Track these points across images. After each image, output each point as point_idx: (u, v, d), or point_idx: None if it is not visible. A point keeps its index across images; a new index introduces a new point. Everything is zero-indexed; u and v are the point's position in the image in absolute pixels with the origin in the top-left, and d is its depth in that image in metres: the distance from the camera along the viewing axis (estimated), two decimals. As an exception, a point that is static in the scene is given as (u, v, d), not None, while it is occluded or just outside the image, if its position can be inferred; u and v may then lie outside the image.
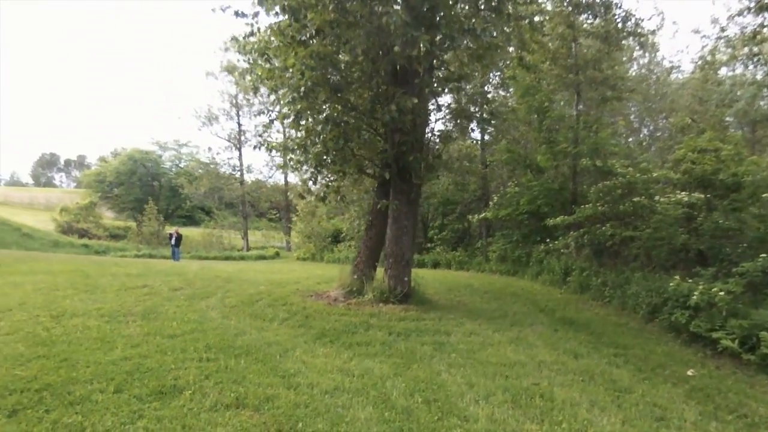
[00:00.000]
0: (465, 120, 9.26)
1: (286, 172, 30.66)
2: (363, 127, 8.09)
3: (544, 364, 5.72)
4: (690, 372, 6.21)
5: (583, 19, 13.90)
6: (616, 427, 4.10)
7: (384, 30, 6.84)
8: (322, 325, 6.92)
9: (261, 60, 8.44)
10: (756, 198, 9.92)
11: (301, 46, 7.00)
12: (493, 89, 20.75)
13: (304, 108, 7.61)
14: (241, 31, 9.25)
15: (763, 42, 13.67)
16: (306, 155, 8.17)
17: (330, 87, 7.29)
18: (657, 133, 23.82)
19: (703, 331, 7.39)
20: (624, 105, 19.03)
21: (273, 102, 8.27)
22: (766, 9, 12.01)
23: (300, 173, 8.71)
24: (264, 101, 9.22)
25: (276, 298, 8.82)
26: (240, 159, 38.23)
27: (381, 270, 9.52)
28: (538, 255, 14.18)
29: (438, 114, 11.05)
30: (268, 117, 9.09)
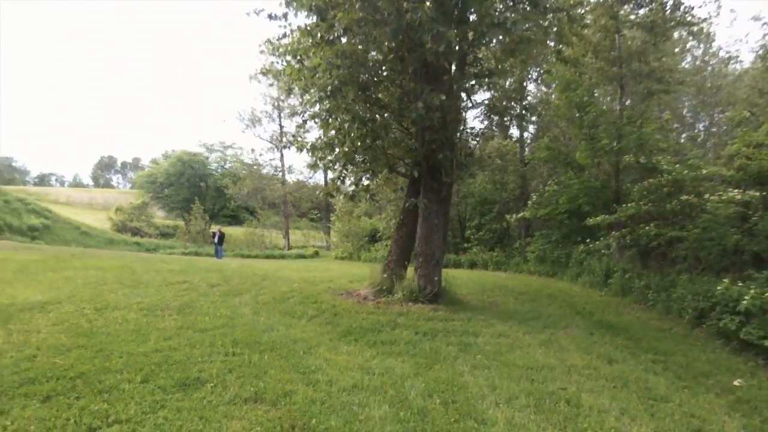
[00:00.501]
0: (498, 116, 9.02)
1: (326, 172, 31.06)
2: (391, 125, 8.04)
3: (574, 368, 5.49)
4: (737, 382, 5.80)
5: (628, 10, 13.28)
6: (646, 437, 3.89)
7: (411, 26, 6.78)
8: (348, 323, 6.94)
9: (294, 61, 8.59)
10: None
11: (328, 45, 7.04)
12: (535, 85, 20.28)
13: (333, 107, 7.66)
14: (276, 34, 9.40)
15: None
16: (334, 154, 8.22)
17: (358, 85, 7.30)
18: (713, 128, 22.42)
19: (755, 339, 6.89)
20: (674, 99, 18.05)
21: (303, 102, 8.38)
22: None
23: (332, 172, 8.73)
24: (298, 102, 9.35)
25: (307, 295, 8.94)
26: (282, 160, 39.15)
27: (412, 269, 9.47)
28: (578, 256, 13.68)
29: (474, 111, 10.92)
30: (301, 117, 9.25)
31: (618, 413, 4.28)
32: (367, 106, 7.80)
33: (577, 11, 11.53)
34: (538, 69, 16.14)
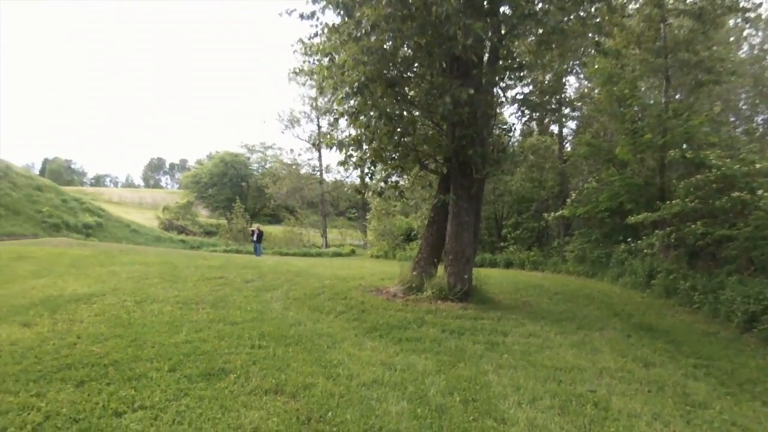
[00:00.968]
0: (532, 111, 8.78)
1: (362, 170, 31.25)
2: (419, 122, 7.98)
3: (606, 370, 5.27)
4: (789, 390, 5.38)
5: (674, -3, 12.62)
6: (679, 445, 3.67)
7: (439, 20, 6.71)
8: (375, 320, 6.95)
9: (325, 60, 8.67)
10: None
11: (355, 42, 7.06)
12: (576, 79, 19.64)
13: (361, 103, 7.69)
14: (308, 33, 9.47)
15: None
16: (362, 151, 8.24)
17: (385, 82, 7.28)
18: (773, 121, 20.99)
19: (813, 345, 6.39)
20: (727, 90, 17.02)
21: (331, 100, 8.44)
22: None
23: (361, 169, 8.77)
24: (330, 100, 9.43)
25: (337, 292, 9.01)
26: (319, 159, 39.69)
27: (443, 267, 9.37)
28: (619, 255, 13.14)
29: (508, 106, 10.65)
30: (332, 116, 9.33)
31: (650, 418, 4.07)
32: (395, 102, 7.76)
33: (619, 1, 11.07)
34: (578, 62, 15.58)
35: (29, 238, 23.06)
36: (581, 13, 8.92)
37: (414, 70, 8.43)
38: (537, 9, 7.40)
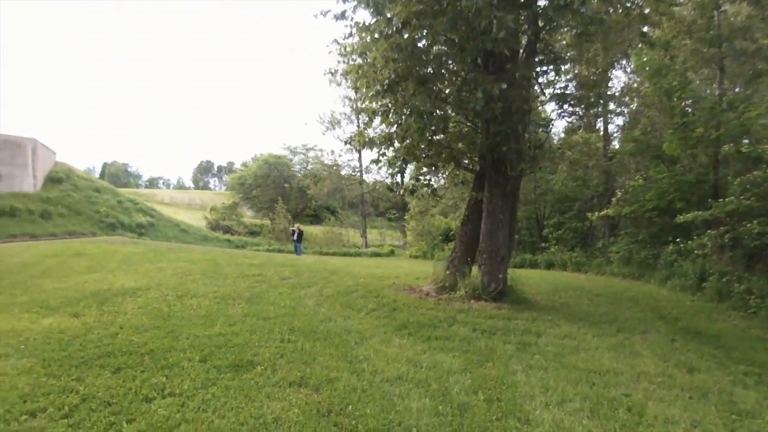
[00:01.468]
0: (567, 106, 8.49)
1: (401, 170, 31.24)
2: (451, 118, 7.88)
3: (644, 375, 5.01)
4: None
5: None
6: (720, 455, 3.44)
7: (469, 14, 6.61)
8: (405, 318, 6.93)
9: (359, 59, 8.73)
10: None
11: (386, 39, 7.07)
12: (623, 72, 18.85)
13: (392, 101, 7.68)
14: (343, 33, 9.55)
15: None
16: (394, 149, 8.23)
17: (416, 79, 7.25)
18: None
19: None
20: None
21: (362, 98, 8.48)
22: None
23: (393, 167, 8.76)
24: (362, 98, 9.49)
25: (370, 290, 9.05)
26: (360, 160, 40.02)
27: (477, 267, 9.22)
28: (667, 257, 12.46)
29: (548, 102, 10.34)
30: (366, 115, 9.38)
31: (689, 425, 3.83)
32: (427, 99, 7.71)
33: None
34: (623, 55, 14.93)
35: (88, 236, 24.57)
36: (626, 3, 8.55)
37: (447, 66, 8.34)
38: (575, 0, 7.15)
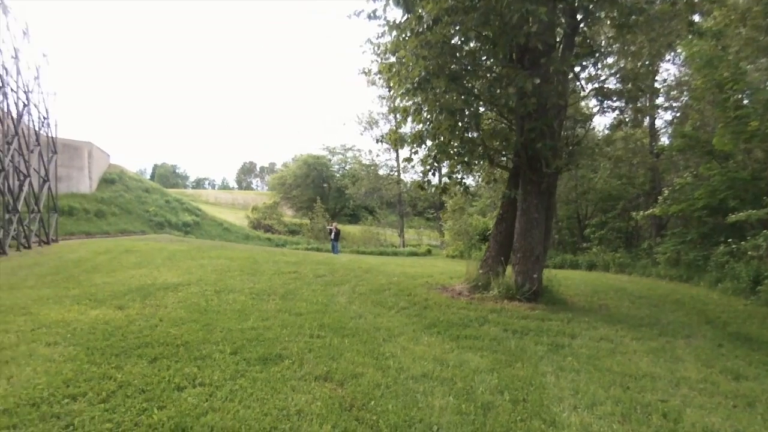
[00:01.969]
0: (605, 99, 8.17)
1: (435, 169, 31.05)
2: (483, 115, 7.76)
3: (685, 380, 4.76)
4: None
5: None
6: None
7: (500, 8, 6.49)
8: (436, 316, 6.89)
9: (392, 58, 8.75)
10: None
11: (416, 37, 7.04)
12: (672, 65, 17.96)
13: (423, 99, 7.65)
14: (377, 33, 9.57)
15: None
16: (425, 147, 8.19)
17: (447, 75, 7.18)
18: None
19: None
20: None
21: (393, 97, 8.49)
22: None
23: (424, 165, 8.70)
24: (393, 97, 9.45)
25: (403, 288, 9.06)
26: (397, 160, 40.04)
27: (512, 266, 9.04)
28: (719, 258, 11.77)
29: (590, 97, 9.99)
30: (397, 113, 9.40)
31: (730, 435, 3.62)
32: (460, 96, 7.63)
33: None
34: (669, 46, 14.20)
35: (138, 234, 25.85)
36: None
37: (480, 62, 8.22)
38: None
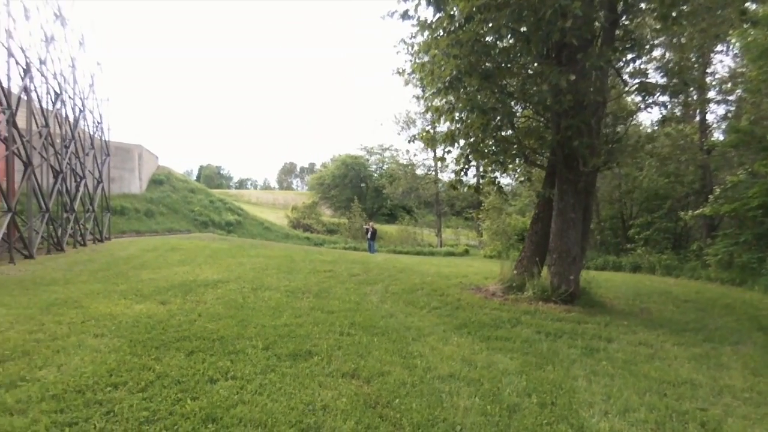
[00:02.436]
0: (648, 95, 7.83)
1: (467, 169, 30.69)
2: (516, 114, 7.62)
3: (728, 389, 4.53)
4: None
5: None
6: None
7: (535, 4, 6.37)
8: (467, 317, 6.84)
9: (426, 57, 8.73)
10: None
11: (448, 35, 7.00)
12: (726, 56, 16.99)
13: (456, 98, 7.60)
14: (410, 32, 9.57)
15: None
16: (460, 147, 8.12)
17: (480, 74, 7.10)
18: None
19: None
20: None
21: (425, 97, 8.47)
22: None
23: (457, 164, 8.63)
24: (425, 96, 9.40)
25: (436, 288, 9.04)
26: (434, 159, 39.86)
27: (547, 267, 8.84)
28: (775, 261, 11.06)
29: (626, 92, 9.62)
30: (430, 112, 9.36)
31: (775, 448, 3.42)
32: (493, 94, 7.53)
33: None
34: (719, 38, 13.46)
35: (183, 233, 26.95)
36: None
37: (515, 59, 8.09)
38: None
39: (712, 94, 17.22)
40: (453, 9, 7.17)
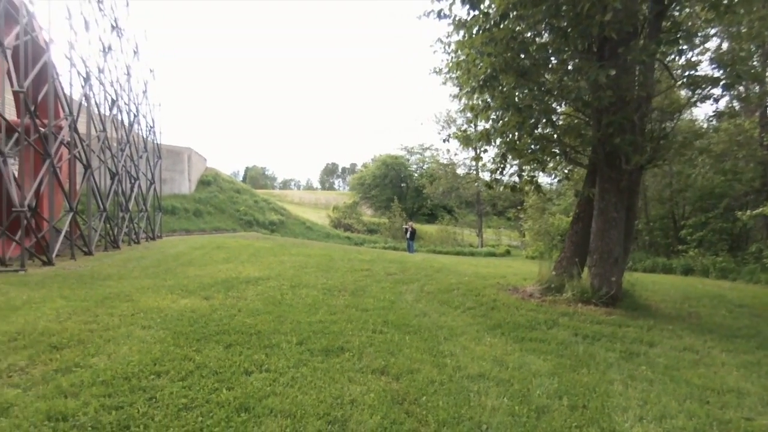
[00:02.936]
0: (698, 88, 7.44)
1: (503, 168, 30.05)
2: (553, 111, 7.44)
3: (780, 399, 4.27)
4: None
5: None
6: None
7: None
8: (501, 317, 6.77)
9: (462, 56, 8.69)
10: None
11: (484, 33, 6.94)
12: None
13: (492, 96, 7.52)
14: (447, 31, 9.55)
15: None
16: (496, 146, 8.02)
17: (516, 71, 7.00)
18: None
19: None
20: None
21: (459, 96, 8.40)
22: None
23: (492, 164, 8.52)
24: (459, 95, 9.30)
25: (471, 288, 8.97)
26: (473, 158, 39.35)
27: (588, 268, 8.57)
28: None
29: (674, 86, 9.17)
30: (469, 112, 9.30)
31: (827, 462, 3.21)
32: (530, 91, 7.39)
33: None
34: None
35: (229, 232, 27.95)
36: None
37: (553, 55, 7.91)
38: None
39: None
40: (488, 7, 7.10)
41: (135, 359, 4.22)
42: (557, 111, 7.75)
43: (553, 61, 7.68)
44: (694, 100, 8.44)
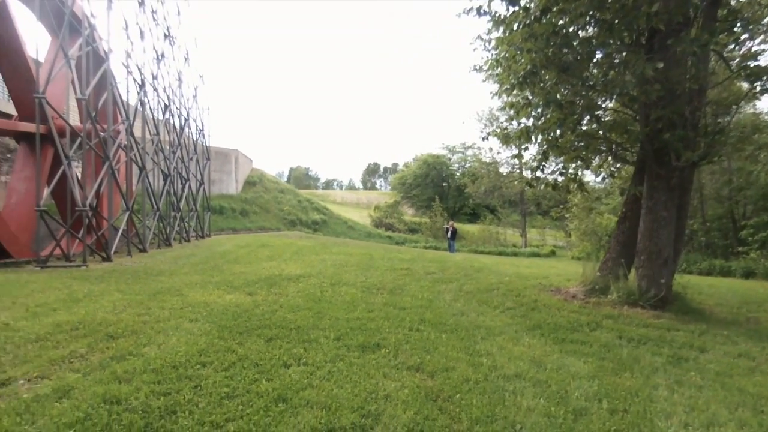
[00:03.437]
0: (756, 80, 6.97)
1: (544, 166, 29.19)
2: (597, 106, 7.20)
3: None
4: None
5: None
6: None
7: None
8: (542, 318, 6.64)
9: (503, 53, 8.58)
10: None
11: (524, 29, 6.82)
12: None
13: (532, 93, 7.38)
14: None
15: None
16: (538, 143, 7.85)
17: (557, 66, 6.83)
18: None
19: None
20: None
21: (499, 92, 8.27)
22: None
23: (538, 162, 8.33)
24: (499, 92, 9.16)
25: (512, 288, 8.84)
26: (516, 156, 38.56)
27: (635, 269, 8.24)
28: None
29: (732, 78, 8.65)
30: (509, 109, 9.15)
31: None
32: (573, 87, 7.20)
33: None
34: None
35: (274, 231, 28.73)
36: None
37: (597, 49, 7.66)
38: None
39: None
40: (529, 2, 6.98)
41: (182, 350, 4.45)
42: (601, 107, 7.47)
43: (598, 55, 7.43)
44: (755, 92, 7.94)
